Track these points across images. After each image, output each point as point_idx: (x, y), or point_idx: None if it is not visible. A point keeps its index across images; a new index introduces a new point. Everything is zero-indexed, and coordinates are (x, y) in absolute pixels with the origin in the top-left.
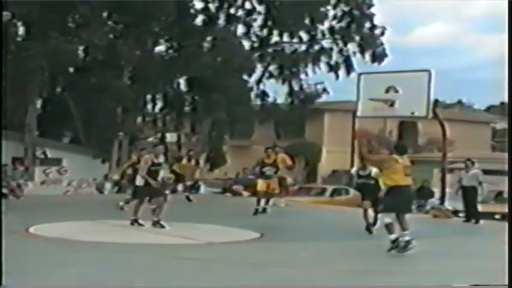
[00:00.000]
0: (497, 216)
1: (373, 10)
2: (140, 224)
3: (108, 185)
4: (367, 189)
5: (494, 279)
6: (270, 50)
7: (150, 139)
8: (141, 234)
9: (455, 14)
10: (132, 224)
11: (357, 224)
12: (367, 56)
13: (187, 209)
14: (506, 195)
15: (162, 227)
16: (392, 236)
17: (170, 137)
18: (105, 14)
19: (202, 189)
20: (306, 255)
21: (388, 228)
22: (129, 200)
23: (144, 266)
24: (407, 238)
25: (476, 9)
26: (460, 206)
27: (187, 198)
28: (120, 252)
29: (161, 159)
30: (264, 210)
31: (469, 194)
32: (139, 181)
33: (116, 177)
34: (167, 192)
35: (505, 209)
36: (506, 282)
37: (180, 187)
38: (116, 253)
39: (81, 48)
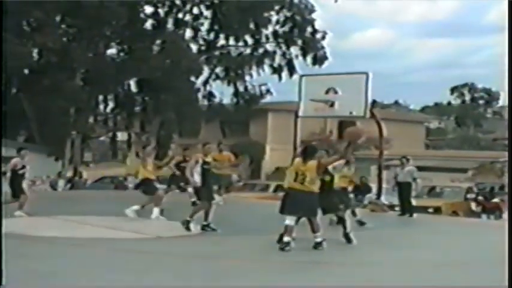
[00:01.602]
0: (430, 210)
1: (314, 16)
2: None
3: (61, 182)
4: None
5: (429, 268)
6: (216, 53)
7: (102, 138)
8: (94, 229)
9: (391, 20)
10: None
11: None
12: (309, 58)
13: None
14: (438, 190)
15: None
16: (286, 238)
17: (121, 135)
18: (58, 18)
19: None
20: (249, 247)
21: (286, 230)
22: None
23: (96, 259)
24: (318, 240)
25: (411, 15)
26: (395, 200)
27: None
28: (72, 247)
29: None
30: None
31: (404, 189)
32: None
33: (69, 174)
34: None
35: (437, 203)
36: (506, 282)
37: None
38: (69, 247)
39: (35, 50)
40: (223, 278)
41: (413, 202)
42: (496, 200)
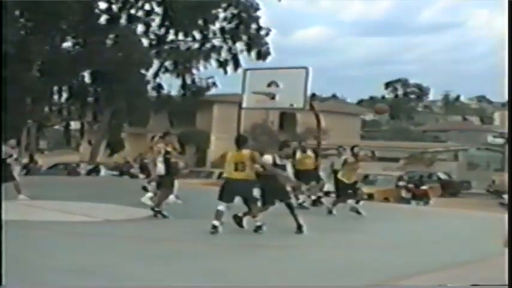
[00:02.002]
0: (364, 197)
1: (259, 13)
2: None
3: (17, 168)
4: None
5: (363, 250)
6: (166, 47)
7: (56, 127)
8: (46, 212)
9: (331, 19)
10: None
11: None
12: (253, 54)
13: (88, 190)
14: (371, 178)
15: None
16: (216, 222)
17: (74, 124)
18: (17, 12)
19: (103, 172)
20: (193, 230)
21: (217, 214)
22: None
23: (46, 241)
24: (258, 223)
25: (349, 14)
26: (331, 187)
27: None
28: (24, 229)
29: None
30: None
31: (309, 176)
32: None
33: (25, 160)
34: None
35: (370, 190)
36: (506, 282)
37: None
38: (20, 230)
39: None
40: (167, 260)
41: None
42: (424, 187)
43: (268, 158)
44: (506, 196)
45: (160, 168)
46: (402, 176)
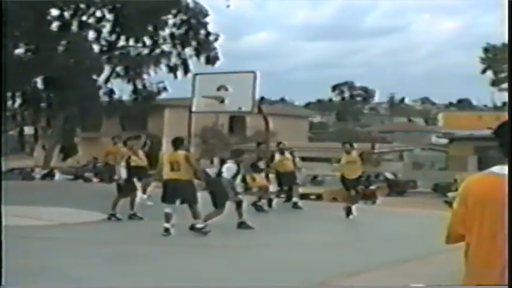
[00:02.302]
0: (312, 197)
1: (208, 19)
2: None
3: None
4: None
5: (313, 249)
6: (117, 53)
7: (10, 132)
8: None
9: (279, 24)
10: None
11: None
12: (202, 58)
13: (43, 194)
14: (320, 178)
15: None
16: (167, 225)
17: (28, 130)
18: None
19: (57, 176)
20: (147, 232)
21: (166, 217)
22: None
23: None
24: (199, 225)
25: (296, 19)
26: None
27: None
28: None
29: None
30: None
31: (289, 178)
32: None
33: None
34: None
35: (319, 190)
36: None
37: None
38: None
39: None
40: (122, 262)
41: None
42: (372, 187)
43: (231, 167)
44: (450, 194)
45: (123, 172)
46: None
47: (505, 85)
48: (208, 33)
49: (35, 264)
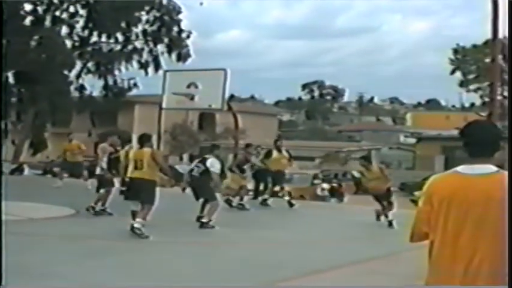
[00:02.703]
0: (280, 194)
1: (181, 16)
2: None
3: None
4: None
5: (278, 246)
6: (89, 48)
7: None
8: None
9: (251, 22)
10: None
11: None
12: (174, 55)
13: (12, 189)
14: (288, 176)
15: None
16: (134, 223)
17: None
18: None
19: (26, 171)
20: (115, 228)
21: (132, 215)
22: None
23: None
24: (136, 225)
25: (268, 18)
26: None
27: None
28: None
29: None
30: None
31: (258, 175)
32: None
33: None
34: None
35: (287, 188)
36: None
37: None
38: None
39: None
40: (90, 257)
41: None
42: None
43: (215, 162)
44: (416, 193)
45: (104, 167)
46: (317, 174)
47: (473, 86)
48: (180, 30)
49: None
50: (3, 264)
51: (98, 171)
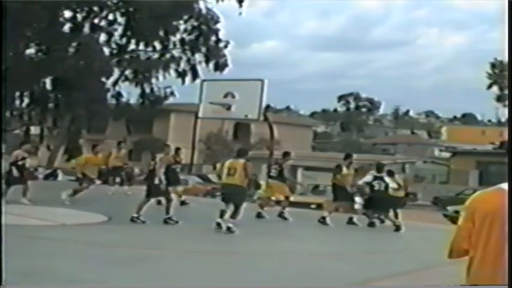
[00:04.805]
0: (312, 206)
1: (219, 26)
2: None
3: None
4: None
5: (308, 260)
6: (127, 56)
7: (16, 131)
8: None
9: (287, 33)
10: None
11: (198, 209)
12: (211, 65)
13: (45, 194)
14: (321, 188)
15: None
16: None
17: (34, 129)
18: None
19: (60, 176)
20: (145, 236)
21: (220, 213)
22: None
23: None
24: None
25: (304, 29)
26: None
27: None
28: None
29: None
30: None
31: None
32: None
33: None
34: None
35: (320, 200)
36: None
37: None
38: None
39: None
40: (119, 265)
41: (299, 198)
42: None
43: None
44: (450, 208)
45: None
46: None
47: None
48: (218, 40)
49: (32, 264)
50: (3, 265)
51: (156, 181)
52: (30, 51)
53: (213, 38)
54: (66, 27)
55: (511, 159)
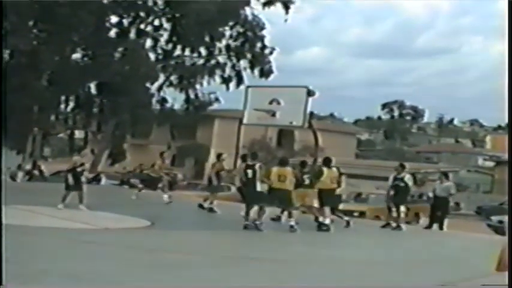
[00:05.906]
0: (355, 214)
1: (264, 32)
2: None
3: (20, 174)
4: None
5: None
6: (172, 62)
7: (61, 135)
8: (47, 219)
9: (332, 40)
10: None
11: (233, 216)
12: (256, 71)
13: (89, 198)
14: (364, 196)
15: None
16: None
17: (78, 133)
18: (31, 23)
19: (103, 181)
20: (190, 242)
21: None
22: None
23: (46, 247)
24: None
25: (349, 36)
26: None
27: None
28: (25, 235)
29: None
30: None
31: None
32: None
33: (28, 167)
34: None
35: (362, 208)
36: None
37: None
38: (21, 235)
39: (7, 52)
40: (159, 270)
41: (342, 206)
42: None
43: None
44: (494, 218)
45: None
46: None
47: None
48: (264, 46)
49: (77, 267)
50: (3, 264)
51: (258, 187)
52: (77, 55)
53: (259, 45)
54: (113, 33)
55: (511, 160)
